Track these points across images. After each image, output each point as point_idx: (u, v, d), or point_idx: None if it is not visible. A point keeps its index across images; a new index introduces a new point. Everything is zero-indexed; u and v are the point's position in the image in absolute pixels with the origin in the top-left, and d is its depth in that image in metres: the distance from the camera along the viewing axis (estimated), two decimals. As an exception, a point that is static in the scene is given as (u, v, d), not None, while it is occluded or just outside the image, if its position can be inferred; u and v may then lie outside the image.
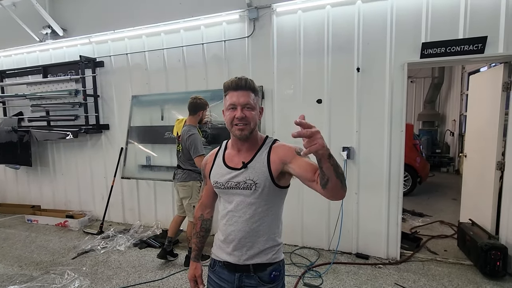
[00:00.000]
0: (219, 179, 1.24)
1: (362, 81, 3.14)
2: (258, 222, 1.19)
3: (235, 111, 1.15)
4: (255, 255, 1.20)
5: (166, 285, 2.80)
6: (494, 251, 2.74)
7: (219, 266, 1.27)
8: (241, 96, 1.15)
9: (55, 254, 3.49)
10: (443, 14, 2.83)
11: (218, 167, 1.27)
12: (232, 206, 1.21)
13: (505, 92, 2.95)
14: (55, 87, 4.43)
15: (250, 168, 1.18)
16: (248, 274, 1.21)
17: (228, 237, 1.22)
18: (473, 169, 3.61)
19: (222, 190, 1.24)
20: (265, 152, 1.20)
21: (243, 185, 1.17)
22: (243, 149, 1.23)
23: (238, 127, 1.15)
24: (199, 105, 3.00)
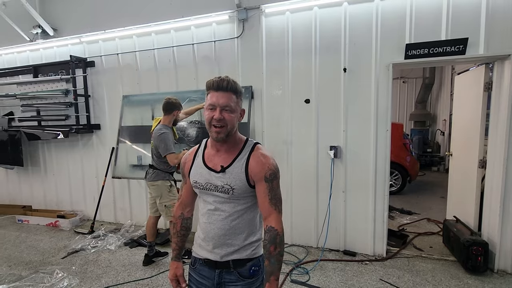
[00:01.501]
0: (198, 179, 1.26)
1: (349, 82, 3.20)
2: (237, 220, 1.22)
3: (214, 111, 1.15)
4: (234, 251, 1.23)
5: (155, 283, 2.83)
6: (476, 247, 2.81)
7: (200, 264, 1.30)
8: (221, 97, 1.14)
9: (45, 254, 3.49)
10: (426, 16, 2.90)
11: (197, 166, 1.28)
12: (211, 205, 1.24)
13: (487, 92, 3.03)
14: (46, 87, 4.43)
15: (228, 173, 1.20)
16: (228, 270, 1.24)
17: (208, 235, 1.24)
18: (458, 168, 3.69)
19: (201, 191, 1.26)
20: (244, 157, 1.21)
21: (221, 189, 1.20)
22: (222, 150, 1.24)
23: (215, 130, 1.16)
24: (174, 104, 3.01)
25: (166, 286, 2.77)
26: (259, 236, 1.29)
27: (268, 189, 1.19)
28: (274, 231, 1.18)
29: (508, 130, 2.73)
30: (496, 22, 2.69)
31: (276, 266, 1.16)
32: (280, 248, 1.17)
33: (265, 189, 1.19)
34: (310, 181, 3.40)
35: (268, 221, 1.20)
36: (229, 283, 1.24)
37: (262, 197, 1.20)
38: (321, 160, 3.37)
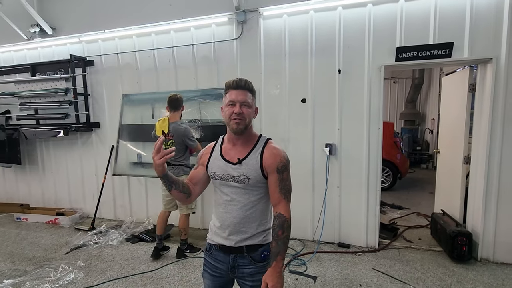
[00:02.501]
0: (216, 171, 1.37)
1: (343, 82, 3.36)
2: (251, 209, 1.34)
3: (234, 107, 1.29)
4: (248, 238, 1.35)
5: (159, 275, 2.94)
6: (461, 237, 3.02)
7: (215, 249, 1.41)
8: (240, 94, 1.30)
9: (47, 250, 3.56)
10: (415, 21, 3.08)
11: (215, 159, 1.39)
12: (228, 196, 1.36)
13: (471, 93, 3.24)
14: (45, 85, 4.46)
15: (244, 165, 1.33)
16: (242, 255, 1.36)
17: (224, 223, 1.36)
18: (445, 164, 3.91)
19: (219, 181, 1.37)
20: (259, 150, 1.35)
21: (237, 179, 1.32)
22: (238, 144, 1.37)
23: (235, 121, 1.28)
24: (181, 100, 3.19)
25: (169, 278, 2.89)
26: (270, 225, 1.41)
27: (279, 180, 1.32)
28: (282, 217, 1.31)
29: (489, 129, 2.94)
30: (479, 28, 2.89)
31: (282, 248, 1.28)
32: (287, 232, 1.30)
33: (276, 180, 1.32)
34: (306, 177, 3.55)
35: (277, 208, 1.33)
36: (242, 266, 1.37)
37: (273, 187, 1.33)
38: (317, 157, 3.53)
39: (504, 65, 2.85)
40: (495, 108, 2.92)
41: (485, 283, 2.68)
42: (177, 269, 3.06)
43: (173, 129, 3.11)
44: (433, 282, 2.72)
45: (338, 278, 2.81)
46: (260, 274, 1.35)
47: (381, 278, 2.80)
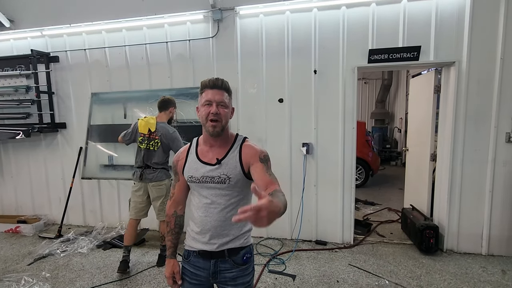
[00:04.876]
0: (194, 174, 1.32)
1: (318, 83, 3.43)
2: (232, 211, 1.30)
3: (210, 107, 1.25)
4: (229, 241, 1.31)
5: (134, 282, 2.81)
6: (428, 230, 3.20)
7: (194, 256, 1.35)
8: (216, 94, 1.26)
9: (7, 262, 3.27)
10: (386, 24, 3.21)
11: (192, 162, 1.35)
12: (207, 199, 1.31)
13: (436, 94, 3.44)
14: (2, 82, 4.10)
15: (224, 164, 1.29)
16: (223, 259, 1.32)
17: (204, 227, 1.31)
18: (413, 161, 4.13)
19: (198, 184, 1.32)
20: (237, 149, 1.32)
21: (218, 179, 1.28)
22: (215, 145, 1.33)
23: (212, 124, 1.25)
24: (170, 101, 3.07)
25: (145, 285, 2.78)
26: (250, 226, 1.39)
27: (265, 168, 1.26)
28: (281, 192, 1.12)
29: (453, 128, 3.14)
30: (443, 33, 3.08)
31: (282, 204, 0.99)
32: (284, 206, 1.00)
33: (262, 168, 1.25)
34: (284, 176, 3.58)
35: (271, 187, 1.18)
36: (224, 271, 1.33)
37: (261, 173, 1.23)
38: (294, 156, 3.57)
39: (465, 68, 3.06)
40: (458, 108, 3.12)
41: (451, 273, 2.86)
42: (153, 274, 2.95)
43: (161, 130, 2.96)
44: (405, 274, 2.86)
45: (316, 276, 2.86)
46: (242, 277, 1.34)
47: (357, 273, 2.89)
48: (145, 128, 2.97)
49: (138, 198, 3.03)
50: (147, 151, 2.96)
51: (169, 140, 2.96)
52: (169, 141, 2.96)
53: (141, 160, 2.97)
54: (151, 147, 2.96)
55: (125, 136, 3.06)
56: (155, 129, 2.95)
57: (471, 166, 3.16)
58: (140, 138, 2.98)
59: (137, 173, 3.00)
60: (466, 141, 3.15)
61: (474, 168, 3.16)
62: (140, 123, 3.01)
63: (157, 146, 2.95)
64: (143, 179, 2.97)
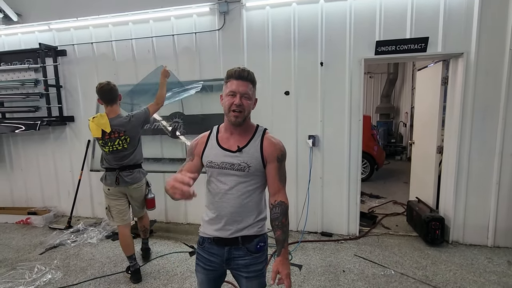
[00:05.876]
0: (214, 159, 1.34)
1: (325, 75, 3.42)
2: (248, 198, 1.34)
3: (234, 98, 1.27)
4: (244, 228, 1.34)
5: (143, 271, 2.87)
6: (434, 222, 3.21)
7: (208, 243, 1.38)
8: (241, 85, 1.27)
9: (20, 251, 3.35)
10: (393, 15, 3.18)
11: (212, 148, 1.37)
12: (225, 185, 1.33)
13: (443, 86, 3.42)
14: (11, 76, 4.14)
15: (245, 152, 1.32)
16: (237, 246, 1.35)
17: (220, 213, 1.34)
18: (419, 154, 4.12)
19: (217, 170, 1.34)
20: (258, 139, 1.36)
21: (237, 167, 1.31)
22: (235, 133, 1.36)
23: (234, 114, 1.27)
24: (116, 89, 2.58)
25: (154, 273, 2.83)
26: (264, 215, 1.42)
27: (278, 168, 1.36)
28: (284, 205, 1.37)
29: (460, 120, 3.13)
30: (452, 24, 3.05)
31: (287, 234, 1.35)
32: (288, 219, 1.38)
33: (275, 168, 1.36)
34: (290, 168, 3.60)
35: (278, 197, 1.37)
36: (237, 258, 1.36)
37: (272, 175, 1.36)
38: (300, 148, 3.58)
39: (473, 60, 3.04)
40: (465, 100, 3.10)
41: (457, 263, 2.87)
42: (162, 264, 3.00)
43: (121, 126, 2.55)
44: (410, 264, 2.88)
45: (322, 265, 2.89)
46: (255, 265, 1.37)
47: (363, 263, 2.92)
48: (98, 131, 2.52)
49: (119, 204, 2.68)
50: (117, 152, 2.58)
51: (138, 127, 2.64)
52: (138, 129, 2.64)
53: (112, 162, 2.61)
54: (118, 146, 2.56)
55: None
56: (111, 129, 2.52)
57: (478, 158, 3.16)
58: (100, 142, 2.57)
59: (110, 177, 2.62)
60: (473, 133, 3.13)
61: (481, 160, 3.15)
62: (91, 126, 2.55)
63: (127, 143, 2.59)
64: (120, 183, 2.61)
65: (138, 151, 2.75)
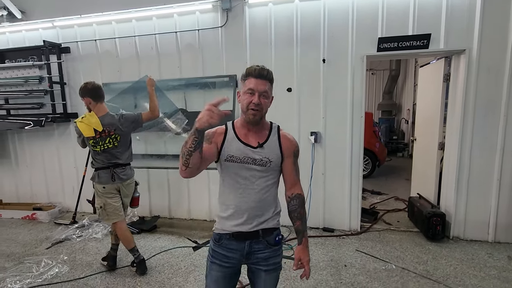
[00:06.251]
0: (235, 154, 1.33)
1: (327, 72, 3.43)
2: (267, 193, 1.37)
3: (252, 96, 1.27)
4: (264, 221, 1.37)
5: (148, 265, 2.91)
6: (435, 217, 3.24)
7: (227, 239, 1.37)
8: (260, 84, 1.27)
9: (26, 246, 3.41)
10: (396, 12, 3.19)
11: (232, 141, 1.35)
12: (246, 180, 1.34)
13: (445, 83, 3.43)
14: (16, 73, 4.18)
15: (266, 148, 1.35)
16: (257, 240, 1.37)
17: (241, 208, 1.34)
18: (421, 151, 4.14)
19: (238, 164, 1.33)
20: (275, 136, 1.40)
21: (259, 162, 1.33)
22: (252, 130, 1.36)
23: (252, 112, 1.28)
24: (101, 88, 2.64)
25: (159, 267, 2.88)
26: (280, 209, 1.46)
27: (293, 163, 1.42)
28: (301, 197, 1.44)
29: (462, 116, 3.14)
30: (454, 20, 3.05)
31: (306, 223, 1.44)
32: (305, 209, 1.46)
33: (292, 163, 1.41)
34: (292, 165, 3.63)
35: (295, 189, 1.44)
36: (257, 252, 1.38)
37: (289, 169, 1.41)
38: (302, 145, 3.60)
39: (475, 56, 3.04)
40: (467, 96, 3.12)
41: (457, 258, 2.91)
42: (166, 258, 3.06)
43: (111, 125, 2.57)
44: (411, 259, 2.92)
45: (324, 260, 2.93)
46: (274, 258, 1.41)
47: (364, 258, 2.96)
48: (90, 131, 2.53)
49: (115, 201, 2.68)
50: (109, 150, 2.61)
51: (127, 126, 2.65)
52: (127, 127, 2.66)
53: (105, 161, 2.62)
54: (109, 145, 2.59)
55: (80, 143, 2.71)
56: (102, 128, 2.55)
57: (479, 154, 3.17)
58: (91, 141, 2.57)
59: (105, 175, 2.62)
60: (475, 129, 3.15)
61: (482, 157, 3.17)
62: (81, 127, 2.55)
63: (117, 141, 2.61)
64: (115, 180, 2.64)
65: (129, 149, 2.76)
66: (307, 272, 1.39)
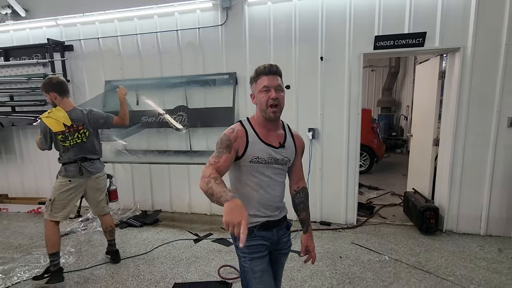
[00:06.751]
0: (260, 155, 1.37)
1: (325, 69, 3.51)
2: (283, 185, 1.51)
3: (269, 92, 1.32)
4: (282, 210, 1.52)
5: (150, 257, 3.04)
6: (429, 211, 3.34)
7: (258, 229, 1.42)
8: (272, 79, 1.33)
9: (33, 238, 3.54)
10: (392, 11, 3.25)
11: (256, 143, 1.37)
12: (270, 178, 1.42)
13: (441, 80, 3.50)
14: (20, 71, 4.27)
15: (286, 148, 1.44)
16: (280, 226, 1.50)
17: (267, 203, 1.43)
18: (417, 147, 4.23)
19: (263, 165, 1.38)
20: (289, 134, 1.50)
21: (281, 161, 1.43)
22: (272, 129, 1.43)
23: (272, 110, 1.32)
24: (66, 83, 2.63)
25: (161, 259, 3.00)
26: None
27: (300, 159, 1.58)
28: (306, 190, 1.62)
29: (456, 113, 3.22)
30: (449, 18, 3.12)
31: (310, 214, 1.63)
32: (309, 201, 1.63)
33: (300, 159, 1.57)
34: (290, 160, 3.72)
35: (301, 183, 1.60)
36: (282, 237, 1.51)
37: (298, 165, 1.57)
38: (300, 141, 3.69)
39: (470, 54, 3.11)
40: (461, 93, 3.19)
41: (449, 251, 3.01)
42: (168, 250, 3.17)
43: (79, 118, 2.57)
44: (405, 251, 3.02)
45: (320, 252, 3.04)
46: (289, 241, 1.56)
47: (359, 250, 3.06)
48: (59, 125, 2.50)
49: (71, 199, 2.63)
50: (77, 145, 2.59)
51: (95, 123, 2.66)
52: (95, 123, 2.66)
53: (72, 156, 2.59)
54: (78, 140, 2.58)
55: (42, 143, 2.61)
56: (71, 123, 2.54)
57: (472, 150, 3.26)
58: (60, 136, 2.52)
59: (73, 169, 2.59)
60: (468, 125, 3.23)
61: (476, 152, 3.25)
62: (48, 122, 2.49)
63: (86, 136, 2.61)
64: (83, 174, 2.61)
65: (97, 144, 2.75)
66: (314, 257, 1.58)
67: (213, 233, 3.55)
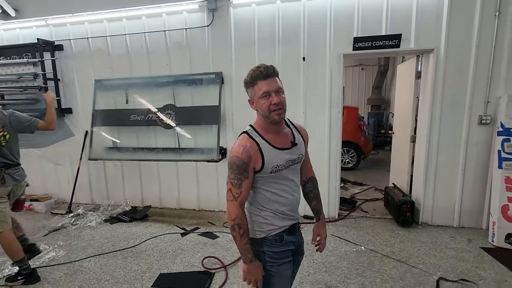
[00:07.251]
0: (278, 163, 1.29)
1: (307, 69, 3.65)
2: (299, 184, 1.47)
3: (270, 98, 1.23)
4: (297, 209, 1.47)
5: (138, 249, 3.17)
6: (405, 205, 3.51)
7: (286, 234, 1.38)
8: (271, 83, 1.23)
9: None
10: (371, 13, 3.39)
11: (270, 152, 1.28)
12: (290, 181, 1.37)
13: (417, 79, 3.66)
14: (10, 70, 4.34)
15: (298, 145, 1.38)
16: (298, 227, 1.47)
17: (291, 205, 1.38)
18: (397, 143, 4.41)
19: (282, 171, 1.31)
20: (295, 129, 1.43)
21: (297, 160, 1.37)
22: (281, 130, 1.35)
23: (276, 112, 1.23)
24: None
25: (148, 251, 3.13)
26: None
27: (307, 149, 1.52)
28: (315, 179, 1.59)
29: (430, 111, 3.39)
30: (424, 21, 3.27)
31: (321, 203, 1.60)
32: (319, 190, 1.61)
33: (307, 151, 1.51)
34: (275, 157, 3.86)
35: (308, 173, 1.57)
36: (301, 237, 1.50)
37: (306, 156, 1.50)
38: (284, 138, 3.84)
39: (443, 55, 3.28)
40: (435, 92, 3.36)
41: (422, 241, 3.19)
42: (156, 243, 3.30)
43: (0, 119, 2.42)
44: (380, 242, 3.19)
45: (301, 244, 3.19)
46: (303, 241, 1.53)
47: (338, 242, 3.22)
48: None
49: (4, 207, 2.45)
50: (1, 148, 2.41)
51: (18, 126, 2.50)
52: (18, 126, 2.50)
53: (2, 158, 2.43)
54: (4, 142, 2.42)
55: None
56: None
57: (446, 146, 3.43)
58: None
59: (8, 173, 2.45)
60: (442, 123, 3.40)
61: (449, 149, 3.43)
62: None
63: (5, 140, 2.42)
64: (6, 182, 2.44)
65: (16, 149, 2.60)
66: (323, 246, 1.59)
67: (200, 227, 3.69)
